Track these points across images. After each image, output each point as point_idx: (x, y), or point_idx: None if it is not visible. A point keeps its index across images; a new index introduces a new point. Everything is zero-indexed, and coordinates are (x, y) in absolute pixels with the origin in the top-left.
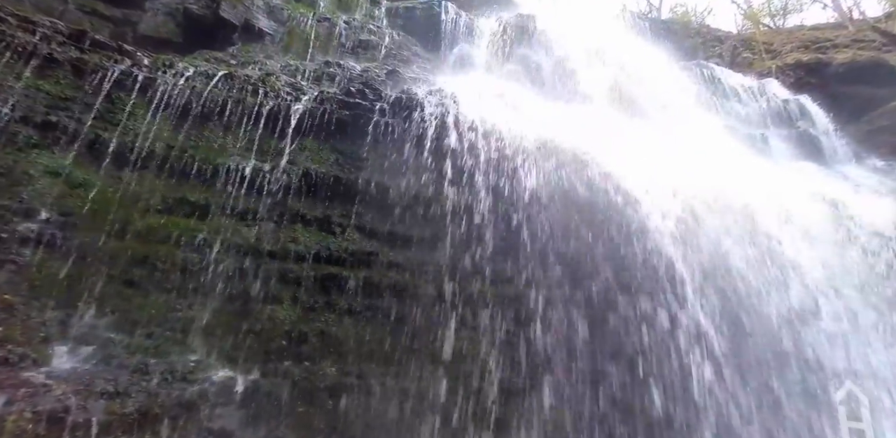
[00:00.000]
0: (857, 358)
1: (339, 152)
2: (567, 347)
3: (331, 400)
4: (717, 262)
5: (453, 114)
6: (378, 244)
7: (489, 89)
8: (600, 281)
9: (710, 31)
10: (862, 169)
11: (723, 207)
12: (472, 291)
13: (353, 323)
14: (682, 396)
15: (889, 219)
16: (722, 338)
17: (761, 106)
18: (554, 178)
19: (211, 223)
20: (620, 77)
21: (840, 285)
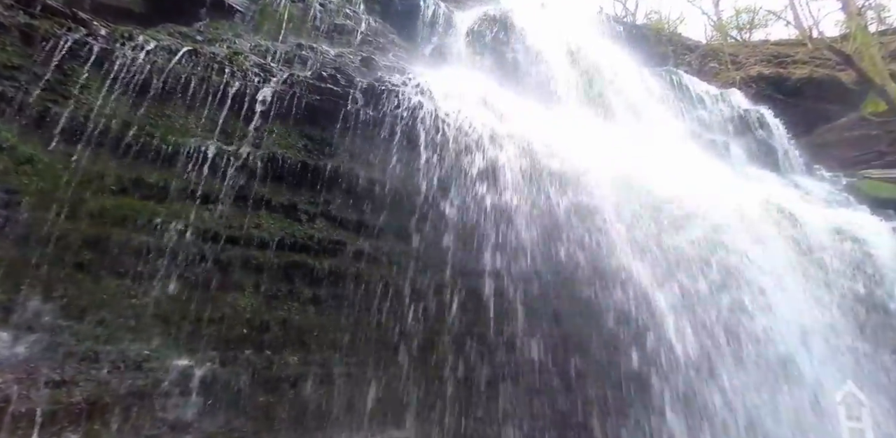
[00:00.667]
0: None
1: (308, 138)
2: (535, 339)
3: (293, 390)
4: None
5: (426, 105)
6: (346, 233)
7: (464, 83)
8: (569, 270)
9: (681, 39)
10: (812, 179)
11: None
12: (439, 282)
13: (317, 312)
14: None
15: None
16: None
17: (724, 114)
18: (526, 177)
19: (170, 206)
20: (594, 78)
21: (782, 278)
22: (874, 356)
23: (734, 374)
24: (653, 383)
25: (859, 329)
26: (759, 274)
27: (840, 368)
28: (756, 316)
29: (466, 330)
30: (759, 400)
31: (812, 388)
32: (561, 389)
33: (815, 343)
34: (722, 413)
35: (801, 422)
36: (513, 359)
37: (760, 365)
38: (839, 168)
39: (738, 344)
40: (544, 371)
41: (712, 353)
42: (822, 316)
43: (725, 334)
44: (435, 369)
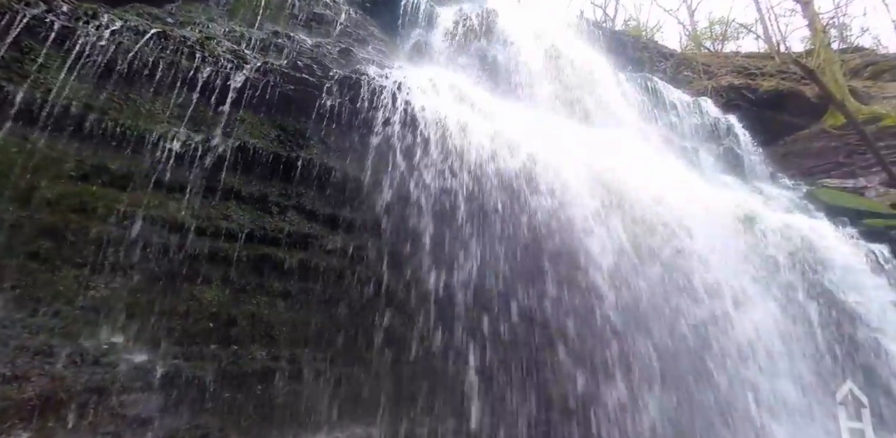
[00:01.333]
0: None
1: (281, 128)
2: (503, 332)
3: (260, 386)
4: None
5: (403, 100)
6: (318, 227)
7: (443, 79)
8: (541, 268)
9: (658, 47)
10: (775, 186)
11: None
12: (414, 278)
13: (286, 306)
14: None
15: (789, 229)
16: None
17: (695, 121)
18: (503, 177)
19: (133, 194)
20: (573, 81)
21: (740, 276)
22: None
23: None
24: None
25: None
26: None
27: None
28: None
29: (441, 327)
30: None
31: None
32: (535, 385)
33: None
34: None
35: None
36: (488, 356)
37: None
38: (800, 176)
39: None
40: (518, 367)
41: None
42: (782, 320)
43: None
44: (407, 365)
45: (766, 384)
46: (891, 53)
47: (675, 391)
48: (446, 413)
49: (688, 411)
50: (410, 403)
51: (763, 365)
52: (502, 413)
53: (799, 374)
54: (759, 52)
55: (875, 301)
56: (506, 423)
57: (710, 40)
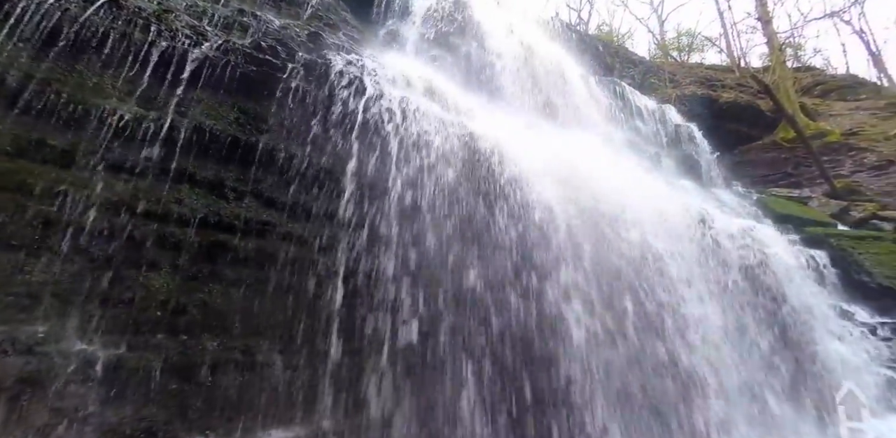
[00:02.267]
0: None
1: (241, 111)
2: (470, 326)
3: (211, 377)
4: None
5: (371, 88)
6: (276, 214)
7: (414, 71)
8: (501, 259)
9: (628, 53)
10: (728, 192)
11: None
12: (370, 268)
13: (241, 295)
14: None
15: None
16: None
17: (659, 127)
18: (466, 170)
19: (76, 173)
20: (544, 80)
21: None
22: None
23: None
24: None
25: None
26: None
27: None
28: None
29: (401, 318)
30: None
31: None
32: (496, 378)
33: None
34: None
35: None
36: (453, 349)
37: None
38: (752, 184)
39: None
40: (483, 359)
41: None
42: (725, 315)
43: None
44: (366, 357)
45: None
46: (839, 74)
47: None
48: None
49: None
50: (373, 395)
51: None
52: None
53: (738, 359)
54: (721, 65)
55: (812, 302)
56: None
57: (676, 50)
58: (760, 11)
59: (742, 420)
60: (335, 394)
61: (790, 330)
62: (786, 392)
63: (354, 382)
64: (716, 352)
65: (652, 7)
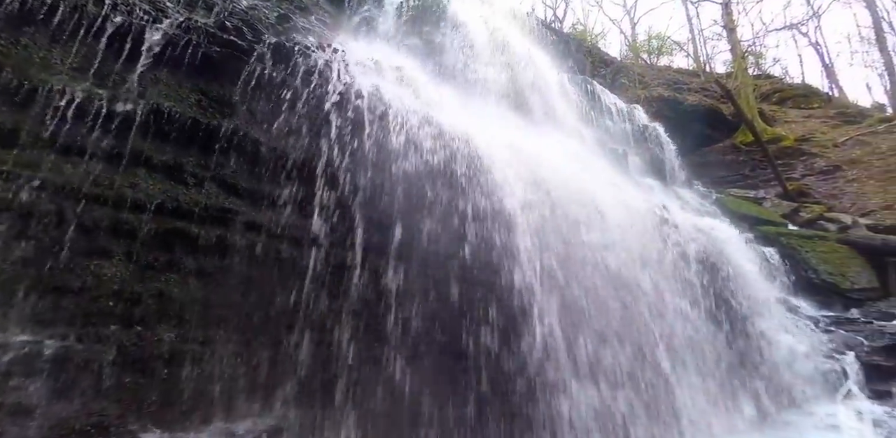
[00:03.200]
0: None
1: (202, 93)
2: (431, 319)
3: (166, 370)
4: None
5: (342, 76)
6: (240, 202)
7: (387, 59)
8: (462, 256)
9: (600, 53)
10: (690, 191)
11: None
12: (342, 260)
13: (200, 285)
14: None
15: (698, 228)
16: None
17: (627, 126)
18: (439, 157)
19: (21, 154)
20: (517, 75)
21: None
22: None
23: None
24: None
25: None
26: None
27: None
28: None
29: (367, 310)
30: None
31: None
32: (460, 368)
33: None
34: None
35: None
36: (412, 340)
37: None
38: (712, 185)
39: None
40: (446, 351)
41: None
42: (681, 302)
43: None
44: (330, 349)
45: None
46: (795, 83)
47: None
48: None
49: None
50: (338, 388)
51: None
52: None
53: (689, 340)
54: (688, 69)
55: (758, 293)
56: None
57: (647, 53)
58: (726, 19)
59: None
60: (299, 386)
61: (743, 321)
62: (736, 377)
63: (319, 373)
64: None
65: (625, 9)
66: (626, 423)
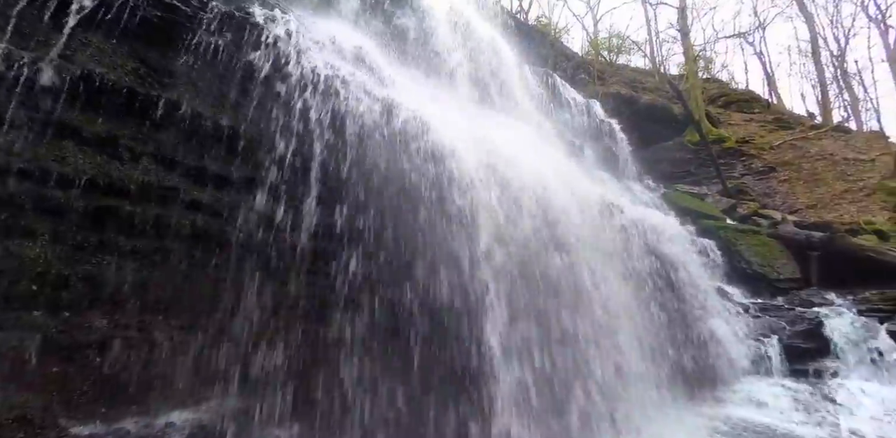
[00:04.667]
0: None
1: (141, 60)
2: (379, 311)
3: (99, 358)
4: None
5: (296, 51)
6: (181, 179)
7: (346, 38)
8: (420, 246)
9: (562, 47)
10: (640, 185)
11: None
12: (292, 243)
13: (136, 267)
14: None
15: (648, 221)
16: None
17: (584, 121)
18: (394, 141)
19: None
20: (480, 62)
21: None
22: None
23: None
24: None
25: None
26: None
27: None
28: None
29: (314, 294)
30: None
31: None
32: (407, 360)
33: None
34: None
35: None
36: (363, 326)
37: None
38: (661, 180)
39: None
40: (395, 338)
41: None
42: (626, 288)
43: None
44: (274, 334)
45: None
46: (740, 89)
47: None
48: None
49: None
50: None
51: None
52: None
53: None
54: (644, 69)
55: (701, 284)
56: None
57: (606, 50)
58: (681, 23)
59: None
60: (244, 372)
61: (682, 306)
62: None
63: (266, 359)
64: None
65: (588, 6)
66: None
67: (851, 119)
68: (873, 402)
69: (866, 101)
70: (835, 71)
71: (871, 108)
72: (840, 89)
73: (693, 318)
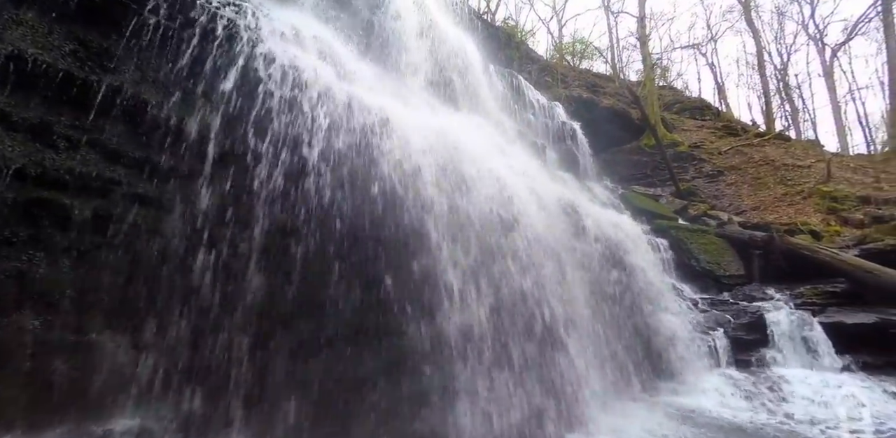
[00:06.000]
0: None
1: (79, 42)
2: (348, 301)
3: (29, 363)
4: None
5: (251, 41)
6: (125, 171)
7: (308, 29)
8: (373, 238)
9: (528, 50)
10: (599, 186)
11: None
12: (241, 237)
13: (73, 265)
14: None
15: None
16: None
17: (547, 122)
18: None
19: None
20: (444, 59)
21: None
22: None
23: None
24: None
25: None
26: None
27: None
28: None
29: (268, 292)
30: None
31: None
32: (358, 360)
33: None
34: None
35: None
36: (318, 326)
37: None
38: (619, 181)
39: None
40: (350, 341)
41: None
42: (583, 284)
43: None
44: (227, 333)
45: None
46: (693, 97)
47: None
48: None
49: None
50: (232, 378)
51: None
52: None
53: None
54: (605, 74)
55: (654, 280)
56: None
57: (570, 55)
58: (640, 32)
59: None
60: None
61: (637, 300)
62: (627, 350)
63: (213, 361)
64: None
65: (554, 11)
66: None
67: (791, 128)
68: (805, 387)
69: (805, 112)
70: (778, 83)
71: (809, 119)
72: (782, 100)
73: (647, 313)
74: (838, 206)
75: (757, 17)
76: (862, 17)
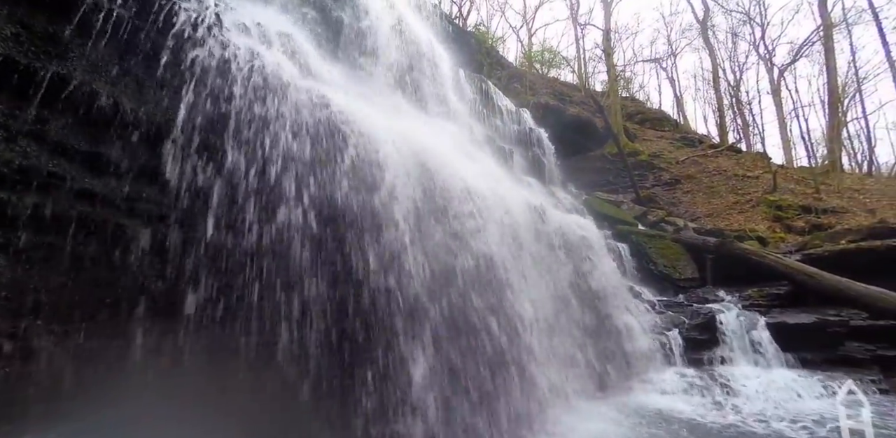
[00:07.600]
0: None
1: (24, 26)
2: (318, 305)
3: None
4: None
5: (213, 33)
6: (70, 165)
7: (273, 25)
8: (349, 232)
9: (498, 56)
10: (564, 191)
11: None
12: (193, 237)
13: (9, 264)
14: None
15: (569, 225)
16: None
17: (514, 128)
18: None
19: None
20: (415, 62)
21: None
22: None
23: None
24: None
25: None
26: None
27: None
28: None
29: (222, 293)
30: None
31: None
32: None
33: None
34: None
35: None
36: (272, 326)
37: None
38: (583, 187)
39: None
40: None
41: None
42: (546, 286)
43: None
44: (176, 337)
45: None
46: (654, 108)
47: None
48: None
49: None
50: (187, 380)
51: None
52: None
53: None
54: (572, 84)
55: (612, 281)
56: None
57: (539, 63)
58: (605, 45)
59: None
60: (144, 383)
61: (597, 304)
62: (587, 350)
63: (166, 366)
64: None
65: (524, 19)
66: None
67: (742, 141)
68: (752, 383)
69: (754, 126)
70: (731, 99)
71: (758, 133)
72: (734, 114)
73: (606, 315)
74: (783, 214)
75: (713, 35)
76: (806, 42)
